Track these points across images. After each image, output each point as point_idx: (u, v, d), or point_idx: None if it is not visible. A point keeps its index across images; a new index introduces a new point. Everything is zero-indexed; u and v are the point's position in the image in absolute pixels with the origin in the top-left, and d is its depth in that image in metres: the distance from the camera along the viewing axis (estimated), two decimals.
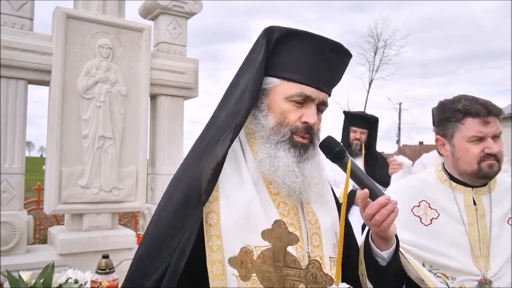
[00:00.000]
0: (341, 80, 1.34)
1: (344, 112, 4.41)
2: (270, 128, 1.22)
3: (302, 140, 1.23)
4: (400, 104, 35.65)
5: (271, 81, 1.24)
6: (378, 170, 4.13)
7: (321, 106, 1.27)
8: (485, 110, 1.65)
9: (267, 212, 1.19)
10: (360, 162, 4.06)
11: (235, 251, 1.10)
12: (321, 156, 1.32)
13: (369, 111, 4.65)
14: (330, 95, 1.30)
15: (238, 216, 1.15)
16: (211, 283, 1.12)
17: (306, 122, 1.22)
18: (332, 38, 1.23)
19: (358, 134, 4.12)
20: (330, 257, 1.26)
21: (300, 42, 1.20)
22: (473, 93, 1.77)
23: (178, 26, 4.04)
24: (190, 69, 4.00)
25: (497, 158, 1.67)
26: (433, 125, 1.91)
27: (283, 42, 1.21)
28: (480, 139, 1.67)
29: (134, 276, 1.21)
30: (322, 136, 1.32)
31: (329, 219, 1.33)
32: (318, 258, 1.23)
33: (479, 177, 1.71)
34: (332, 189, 1.48)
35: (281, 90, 1.22)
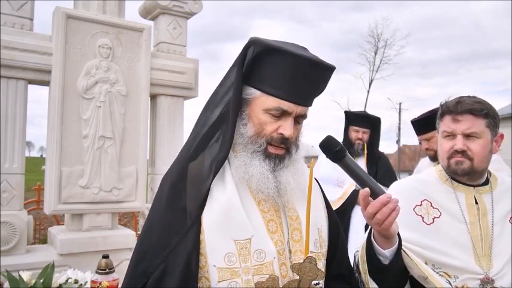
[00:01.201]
0: (325, 89, 1.37)
1: (345, 112, 4.40)
2: (248, 136, 1.27)
3: (276, 151, 1.28)
4: (400, 104, 35.66)
5: (252, 92, 1.28)
6: (380, 170, 4.12)
7: (299, 118, 1.31)
8: (459, 107, 1.68)
9: (247, 208, 1.25)
10: (362, 162, 4.06)
11: (216, 244, 1.20)
12: (301, 162, 1.37)
13: (369, 111, 4.64)
14: (311, 105, 1.34)
15: (219, 213, 1.22)
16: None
17: (281, 134, 1.26)
18: (312, 55, 1.27)
19: (360, 134, 4.11)
20: (311, 252, 1.29)
21: (279, 59, 1.24)
22: (474, 93, 1.79)
23: (178, 26, 4.04)
24: (190, 69, 4.00)
25: (467, 155, 1.68)
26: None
27: (263, 57, 1.25)
28: (451, 136, 1.71)
29: (133, 276, 1.24)
30: (308, 141, 1.37)
31: (311, 216, 1.34)
32: (299, 253, 1.29)
33: (451, 173, 1.75)
34: (321, 188, 1.51)
35: (260, 102, 1.27)
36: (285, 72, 1.24)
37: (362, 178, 1.29)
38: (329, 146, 1.30)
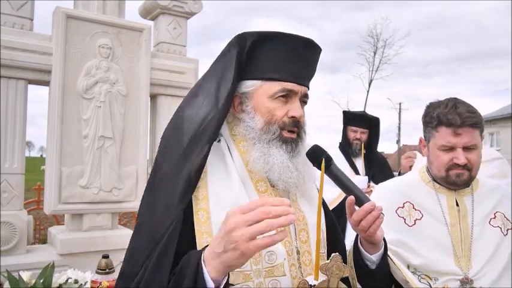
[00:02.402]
0: (315, 73, 1.40)
1: (344, 112, 4.39)
2: (259, 128, 1.26)
3: (291, 135, 1.28)
4: (400, 104, 35.66)
5: (252, 84, 1.27)
6: (378, 171, 4.12)
7: (304, 98, 1.32)
8: (459, 121, 1.65)
9: None
10: (360, 163, 4.06)
11: None
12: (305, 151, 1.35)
13: (369, 111, 4.63)
14: (308, 88, 1.36)
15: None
16: None
17: (293, 117, 1.26)
18: (302, 35, 1.30)
19: (358, 134, 4.10)
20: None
21: (275, 43, 1.26)
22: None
23: (178, 26, 4.04)
24: (190, 69, 4.00)
25: (467, 167, 1.68)
26: None
27: (258, 46, 1.26)
28: (450, 149, 1.69)
29: (122, 278, 1.21)
30: (308, 140, 1.35)
31: (315, 217, 1.34)
32: (306, 254, 1.28)
33: (448, 183, 1.75)
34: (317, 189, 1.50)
35: (263, 91, 1.27)
36: (282, 55, 1.26)
37: (347, 186, 1.31)
38: (315, 155, 1.31)
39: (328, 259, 1.38)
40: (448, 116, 1.67)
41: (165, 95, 3.95)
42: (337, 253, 1.21)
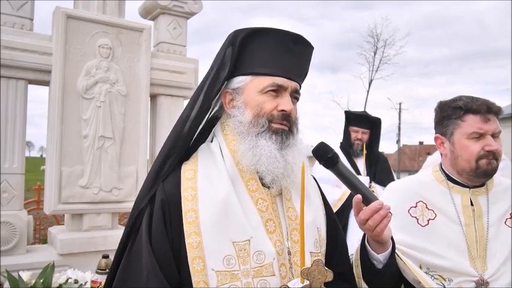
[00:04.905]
0: (308, 71, 1.40)
1: (345, 112, 4.39)
2: (248, 121, 1.27)
3: (281, 126, 1.27)
4: (400, 103, 35.63)
5: (243, 79, 1.29)
6: (379, 171, 4.12)
7: (295, 94, 1.32)
8: (485, 107, 1.66)
9: (245, 207, 1.23)
10: (361, 163, 4.06)
11: (214, 247, 1.17)
12: (303, 145, 1.35)
13: (369, 111, 4.63)
14: (300, 85, 1.36)
15: (216, 213, 1.19)
16: (193, 278, 1.16)
17: (282, 110, 1.26)
18: (293, 31, 1.31)
19: (359, 134, 4.10)
20: (310, 252, 1.28)
21: (264, 38, 1.28)
22: (475, 92, 1.81)
23: (178, 26, 4.04)
24: (190, 69, 4.00)
25: (495, 156, 1.67)
26: None
27: (249, 42, 1.28)
28: (480, 136, 1.67)
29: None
30: (301, 125, 1.36)
31: (310, 215, 1.34)
32: (298, 254, 1.26)
33: (477, 175, 1.71)
34: (320, 188, 1.50)
35: (254, 85, 1.28)
36: (272, 50, 1.27)
37: (355, 184, 1.29)
38: (322, 153, 1.30)
39: (326, 258, 1.37)
40: (477, 103, 1.67)
41: (165, 95, 3.95)
42: (319, 258, 1.20)
